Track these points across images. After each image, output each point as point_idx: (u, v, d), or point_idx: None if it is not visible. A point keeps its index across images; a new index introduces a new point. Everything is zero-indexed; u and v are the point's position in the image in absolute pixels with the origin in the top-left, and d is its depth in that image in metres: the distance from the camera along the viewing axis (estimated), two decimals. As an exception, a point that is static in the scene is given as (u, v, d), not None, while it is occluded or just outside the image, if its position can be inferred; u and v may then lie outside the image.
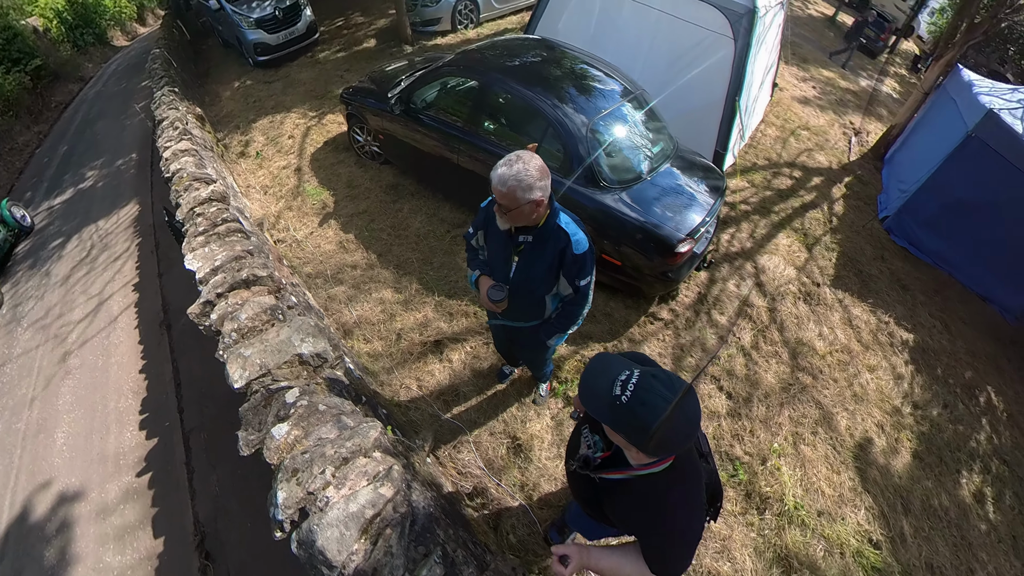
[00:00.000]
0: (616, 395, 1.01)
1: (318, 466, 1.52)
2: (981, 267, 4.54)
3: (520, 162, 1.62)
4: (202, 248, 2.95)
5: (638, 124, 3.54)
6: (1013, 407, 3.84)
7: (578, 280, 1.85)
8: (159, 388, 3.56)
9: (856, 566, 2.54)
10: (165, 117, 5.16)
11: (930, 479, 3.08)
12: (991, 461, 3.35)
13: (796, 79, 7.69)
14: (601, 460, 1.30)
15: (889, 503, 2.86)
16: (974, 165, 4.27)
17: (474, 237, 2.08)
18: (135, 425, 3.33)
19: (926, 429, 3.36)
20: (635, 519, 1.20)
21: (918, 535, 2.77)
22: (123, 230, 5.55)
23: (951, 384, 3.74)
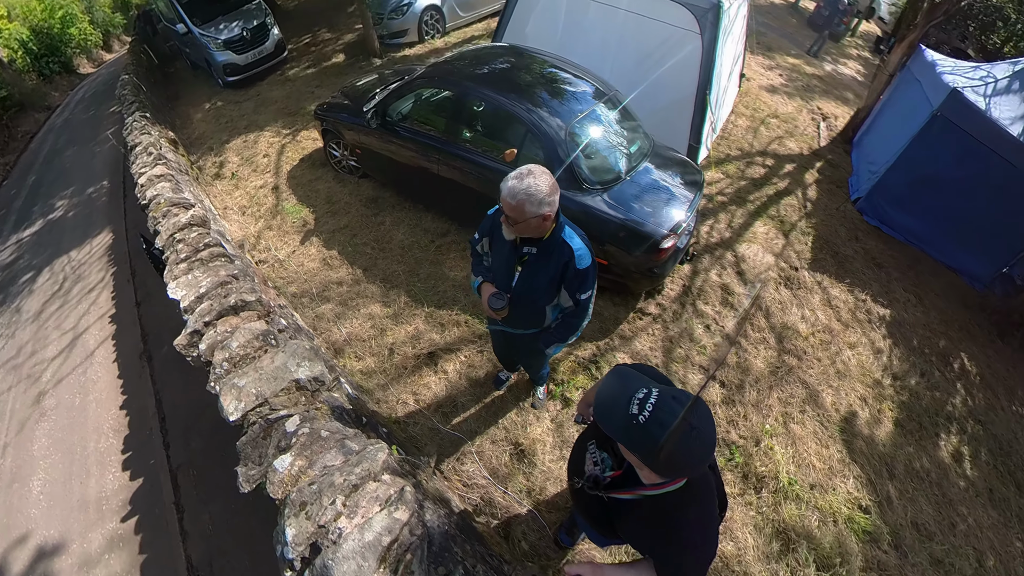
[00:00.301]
0: (633, 414, 0.97)
1: (327, 496, 1.48)
2: (949, 240, 4.73)
3: (531, 176, 1.63)
4: (185, 275, 2.88)
5: (613, 124, 3.59)
6: (985, 370, 4.03)
7: (579, 294, 1.88)
8: (142, 424, 3.43)
9: (848, 532, 2.67)
10: (138, 142, 5.03)
11: (911, 444, 3.24)
12: (967, 422, 3.54)
13: (762, 68, 7.87)
14: (611, 479, 1.26)
15: (875, 470, 3.01)
16: (940, 143, 4.43)
17: (479, 243, 2.09)
18: (118, 466, 3.17)
19: (905, 398, 3.52)
20: (648, 539, 1.18)
21: (903, 497, 2.93)
22: (97, 260, 5.39)
23: (927, 353, 3.91)
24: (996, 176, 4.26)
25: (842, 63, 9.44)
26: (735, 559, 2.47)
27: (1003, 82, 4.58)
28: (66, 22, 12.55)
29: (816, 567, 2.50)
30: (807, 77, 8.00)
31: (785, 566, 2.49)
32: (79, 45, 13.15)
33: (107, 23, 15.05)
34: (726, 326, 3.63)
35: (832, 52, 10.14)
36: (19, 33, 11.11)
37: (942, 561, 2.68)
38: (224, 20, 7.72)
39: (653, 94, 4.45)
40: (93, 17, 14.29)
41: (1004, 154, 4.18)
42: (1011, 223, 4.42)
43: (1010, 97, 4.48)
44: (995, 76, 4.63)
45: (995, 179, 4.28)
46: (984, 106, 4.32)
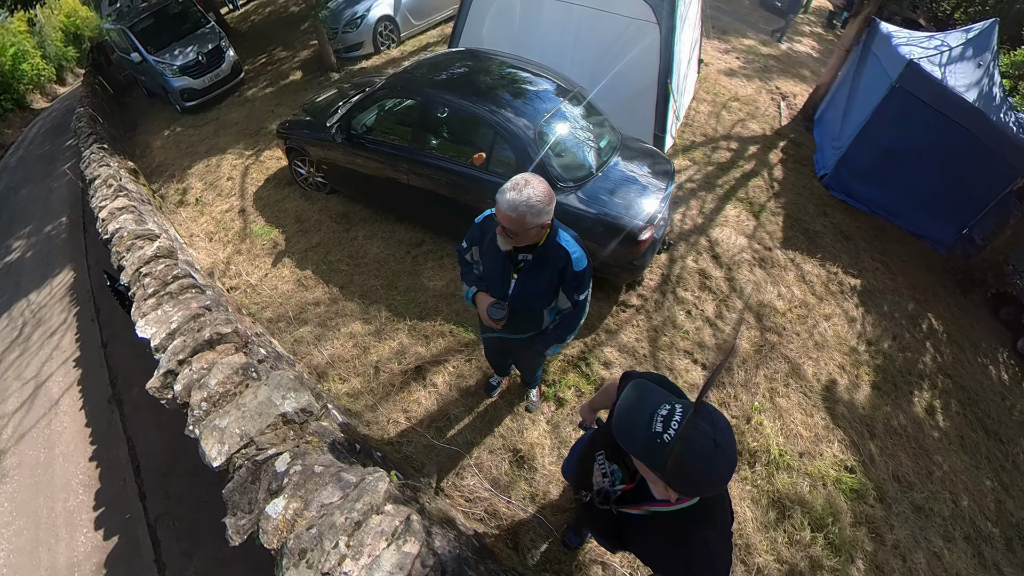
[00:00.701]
0: (657, 432, 0.92)
1: (329, 540, 1.37)
2: (913, 208, 4.92)
3: (529, 187, 1.60)
4: (154, 311, 2.73)
5: (580, 120, 3.59)
6: (951, 326, 4.23)
7: (577, 295, 1.88)
8: (115, 475, 3.20)
9: (837, 492, 2.81)
10: (97, 175, 4.79)
11: (888, 404, 3.40)
12: (937, 378, 3.73)
13: (719, 52, 8.02)
14: (621, 493, 1.22)
15: (857, 432, 3.15)
16: (900, 114, 4.58)
17: (468, 252, 2.05)
18: (89, 525, 2.92)
19: (880, 361, 3.67)
20: (659, 557, 1.15)
21: (884, 453, 3.09)
22: (58, 301, 5.11)
23: (897, 317, 4.07)
24: (954, 142, 4.45)
25: (796, 40, 9.69)
26: (736, 533, 2.54)
27: (957, 50, 4.77)
28: (17, 59, 12.17)
29: (811, 529, 2.61)
30: (763, 58, 8.19)
31: (783, 532, 2.59)
32: (32, 80, 12.77)
33: (60, 57, 14.65)
34: (707, 311, 3.69)
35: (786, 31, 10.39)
36: None
37: (922, 507, 2.87)
38: (178, 46, 7.64)
39: (616, 87, 4.47)
40: (45, 51, 13.90)
41: (960, 120, 4.36)
42: (969, 186, 4.63)
43: (964, 64, 4.68)
44: (949, 45, 4.81)
45: (953, 145, 4.46)
46: (940, 75, 4.49)
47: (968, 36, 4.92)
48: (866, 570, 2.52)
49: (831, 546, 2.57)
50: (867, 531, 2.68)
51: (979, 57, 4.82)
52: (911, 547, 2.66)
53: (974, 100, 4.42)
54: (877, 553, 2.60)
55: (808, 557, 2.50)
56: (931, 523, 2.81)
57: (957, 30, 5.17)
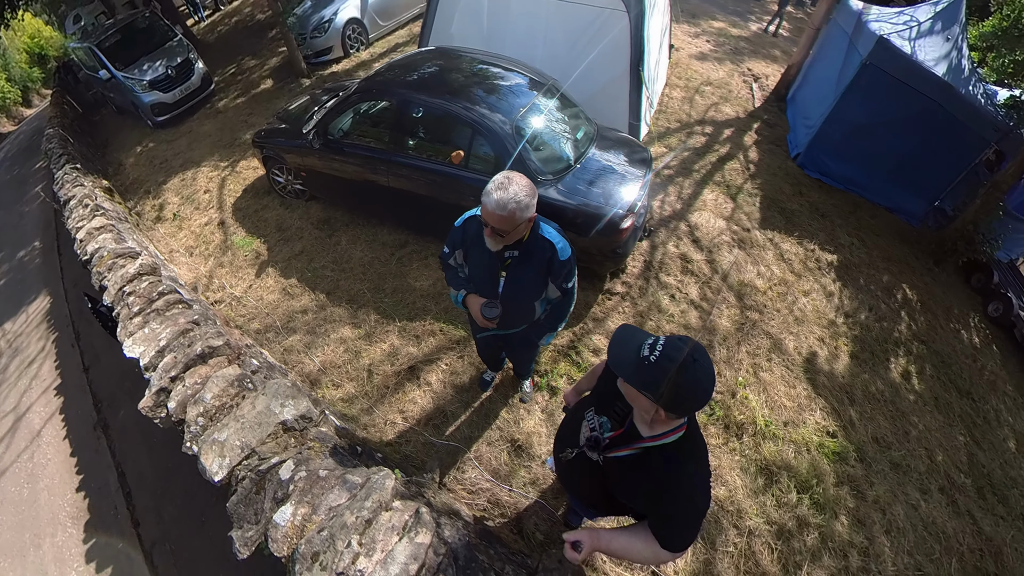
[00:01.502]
0: (645, 355, 1.08)
1: (341, 540, 1.39)
2: (885, 183, 5.09)
3: (513, 184, 1.63)
4: (141, 330, 2.71)
5: (556, 113, 3.66)
6: (924, 295, 4.42)
7: (565, 283, 1.94)
8: (105, 504, 3.10)
9: (820, 456, 2.98)
10: (72, 196, 4.71)
11: (866, 372, 3.58)
12: (912, 344, 3.93)
13: (689, 36, 8.13)
14: (610, 440, 1.32)
15: (837, 399, 3.32)
16: (871, 91, 4.71)
17: (451, 256, 2.05)
18: (80, 560, 2.81)
19: (857, 332, 3.85)
20: (646, 493, 1.24)
21: (863, 418, 3.27)
22: (35, 328, 5.01)
23: (872, 290, 4.24)
24: (924, 116, 4.59)
25: (766, 20, 9.84)
26: (727, 500, 2.69)
27: (926, 24, 4.89)
28: None
29: (797, 491, 2.77)
30: (734, 40, 8.32)
31: (771, 496, 2.74)
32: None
33: (25, 78, 14.47)
34: (690, 293, 3.80)
35: (755, 11, 10.56)
36: None
37: (900, 464, 3.06)
38: (147, 60, 7.54)
39: (588, 77, 4.53)
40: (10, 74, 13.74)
41: (930, 94, 4.50)
42: (940, 159, 4.79)
43: (933, 38, 4.81)
44: (918, 20, 4.93)
45: (923, 119, 4.61)
46: (910, 50, 4.61)
47: (937, 9, 5.05)
48: (849, 524, 2.69)
49: (816, 505, 2.73)
50: (849, 489, 2.85)
51: (948, 31, 4.96)
52: (890, 501, 2.83)
53: (943, 73, 4.56)
54: (859, 508, 2.77)
55: (795, 517, 2.66)
56: (908, 478, 2.99)
57: (925, 4, 5.31)
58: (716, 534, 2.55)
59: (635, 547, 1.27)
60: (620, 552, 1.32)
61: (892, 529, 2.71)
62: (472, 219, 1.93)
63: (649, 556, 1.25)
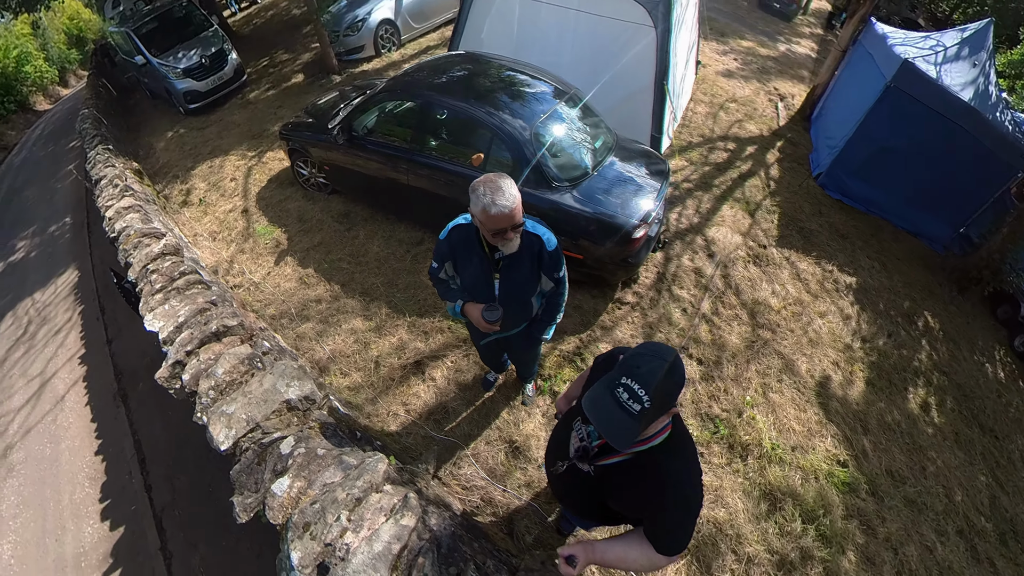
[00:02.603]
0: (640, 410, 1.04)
1: (331, 513, 1.46)
2: (908, 206, 5.00)
3: (502, 179, 1.69)
4: (162, 306, 2.85)
5: (576, 122, 3.71)
6: (947, 325, 4.30)
7: (556, 273, 2.00)
8: (120, 468, 3.30)
9: (829, 485, 2.88)
10: (103, 176, 4.95)
11: (882, 400, 3.47)
12: (932, 375, 3.80)
13: (717, 53, 8.14)
14: (598, 448, 1.33)
15: (850, 427, 3.22)
16: (895, 113, 4.67)
17: (441, 270, 2.06)
18: (96, 517, 3.02)
19: (875, 358, 3.75)
20: (639, 498, 1.25)
21: (877, 449, 3.15)
22: (63, 299, 5.25)
23: (892, 315, 4.15)
24: (950, 141, 4.51)
25: (795, 42, 9.80)
26: (727, 523, 2.62)
27: (952, 49, 4.84)
28: (21, 61, 12.38)
29: (802, 520, 2.68)
30: (762, 59, 8.30)
31: (774, 523, 2.66)
32: (35, 83, 13.00)
33: (63, 59, 14.84)
34: (702, 308, 3.79)
35: (785, 32, 10.52)
36: None
37: (915, 501, 2.92)
38: (182, 49, 7.78)
39: (613, 88, 4.59)
40: (48, 54, 14.09)
41: (956, 119, 4.43)
42: (966, 185, 4.70)
43: (960, 63, 4.75)
44: (944, 44, 4.89)
45: (949, 144, 4.53)
46: (935, 74, 4.56)
47: (964, 36, 5.00)
48: (857, 561, 2.58)
49: (822, 537, 2.63)
50: (859, 524, 2.74)
51: (975, 56, 4.90)
52: (903, 540, 2.71)
53: (970, 99, 4.50)
54: (868, 545, 2.66)
55: (799, 548, 2.57)
56: (924, 517, 2.85)
57: (952, 30, 5.25)
58: (713, 557, 2.49)
59: (630, 555, 1.26)
60: (615, 562, 1.30)
61: (904, 571, 2.60)
62: (456, 229, 1.96)
63: (645, 563, 1.24)
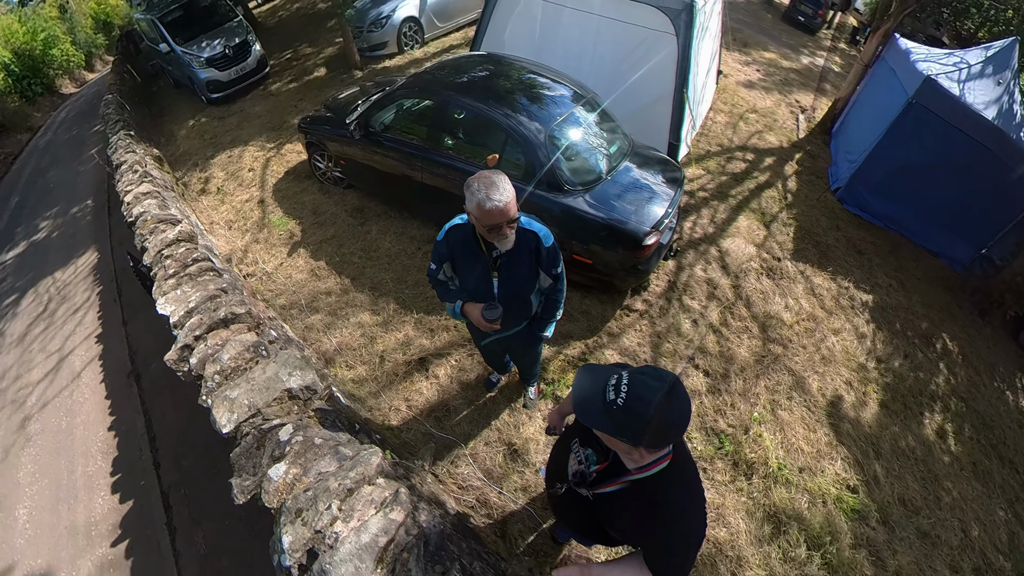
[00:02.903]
0: (611, 400, 1.00)
1: (323, 502, 1.49)
2: (929, 225, 4.87)
3: (495, 175, 1.71)
4: (174, 291, 2.92)
5: (592, 126, 3.69)
6: (967, 348, 4.17)
7: (554, 269, 1.99)
8: (131, 445, 3.41)
9: (837, 511, 2.77)
10: (123, 161, 5.07)
11: (896, 424, 3.35)
12: (950, 400, 3.66)
13: (739, 64, 8.05)
14: (597, 473, 1.28)
15: (862, 451, 3.11)
16: (916, 130, 4.56)
17: (439, 272, 2.04)
18: (106, 489, 3.13)
19: (890, 380, 3.63)
20: (638, 527, 1.20)
21: (890, 475, 3.03)
22: (82, 280, 5.39)
23: (909, 336, 4.03)
24: (972, 160, 4.40)
25: (819, 55, 9.66)
26: (728, 544, 2.55)
27: (976, 67, 4.74)
28: (48, 44, 12.56)
29: (807, 546, 2.59)
30: (784, 71, 8.19)
31: (777, 547, 2.58)
32: (61, 66, 13.18)
33: (89, 44, 15.02)
34: (713, 319, 3.72)
35: (809, 45, 10.38)
36: (1, 56, 11.15)
37: (928, 534, 2.79)
38: (206, 38, 7.89)
39: (632, 95, 4.56)
40: (75, 38, 14.27)
41: (979, 138, 4.32)
42: (988, 205, 4.56)
43: (984, 82, 4.64)
44: (968, 62, 4.79)
45: (971, 163, 4.42)
46: (958, 92, 4.46)
47: (988, 54, 4.88)
48: (864, 594, 2.48)
49: (828, 566, 2.53)
50: (867, 554, 2.63)
51: (999, 75, 4.78)
52: (914, 574, 2.59)
53: (993, 118, 4.39)
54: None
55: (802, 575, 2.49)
56: (937, 551, 2.72)
57: (977, 47, 5.12)
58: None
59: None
60: None
61: (915, 609, 2.48)
62: (453, 229, 1.96)
63: None
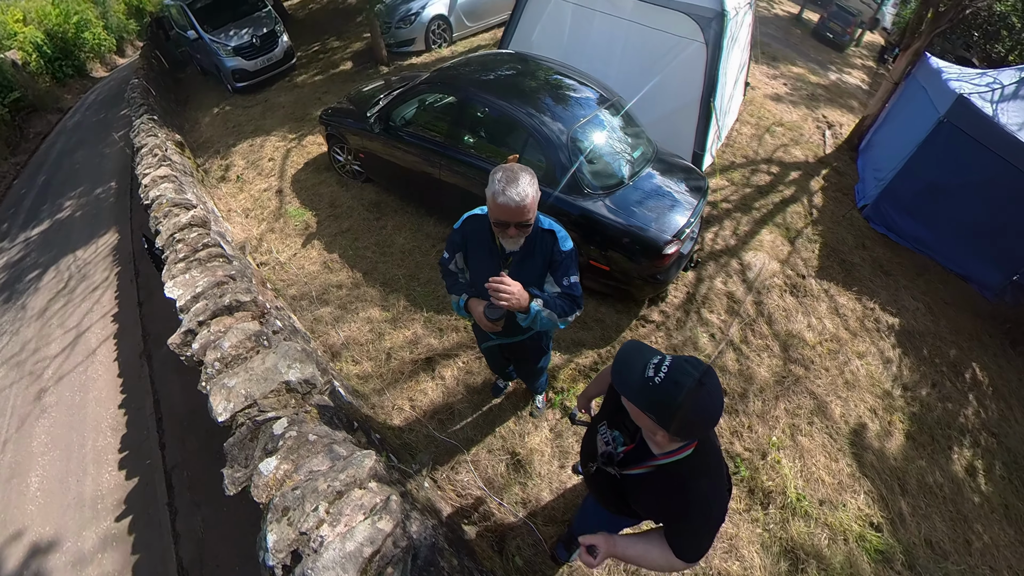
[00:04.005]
0: (649, 376, 1.04)
1: (310, 503, 1.42)
2: (959, 248, 4.61)
3: (522, 172, 1.57)
4: (183, 275, 2.85)
5: (616, 130, 3.55)
6: (997, 380, 3.90)
7: (567, 277, 1.78)
8: (139, 424, 3.41)
9: (860, 551, 2.56)
10: (144, 144, 5.05)
11: (923, 458, 3.12)
12: (980, 435, 3.41)
13: (767, 77, 7.84)
14: (624, 455, 1.32)
15: (887, 485, 2.89)
16: (947, 149, 4.34)
17: (452, 261, 1.94)
18: (114, 465, 3.16)
19: (916, 410, 3.40)
20: (662, 510, 1.24)
21: (916, 513, 2.80)
22: (102, 259, 5.40)
23: (937, 363, 3.79)
24: (1005, 183, 4.16)
25: (846, 72, 9.39)
26: (741, 579, 2.36)
27: (1010, 88, 4.49)
28: (80, 27, 12.64)
29: None
30: (812, 86, 7.95)
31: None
32: (93, 49, 13.24)
33: (121, 29, 15.04)
34: (731, 333, 3.54)
35: (837, 61, 10.11)
36: (34, 37, 11.21)
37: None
38: (234, 27, 7.89)
39: (658, 101, 4.42)
40: (107, 23, 14.31)
41: (1013, 160, 4.09)
42: (1020, 230, 4.31)
43: (1018, 103, 4.38)
44: (1002, 82, 4.55)
45: (1004, 186, 4.18)
46: (991, 112, 4.23)
47: (1022, 75, 4.62)
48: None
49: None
50: (892, 601, 2.42)
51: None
52: None
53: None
54: (901, 626, 2.34)
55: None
56: None
57: (1011, 68, 4.86)
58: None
59: (650, 555, 1.27)
60: (635, 559, 1.32)
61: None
62: (471, 219, 1.85)
63: (663, 564, 1.25)
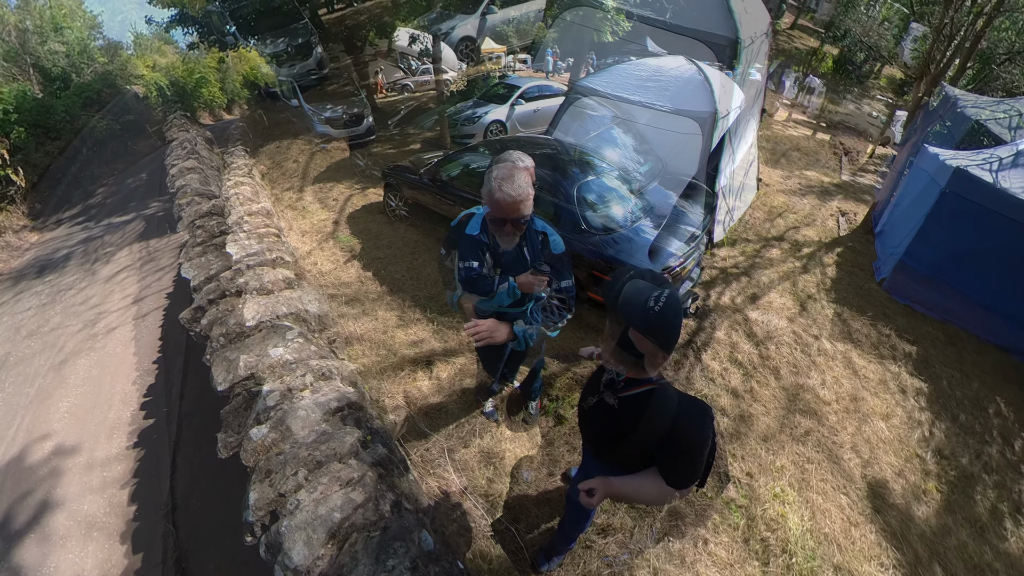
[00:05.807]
0: (651, 307, 1.16)
1: (291, 468, 1.46)
2: (990, 315, 4.15)
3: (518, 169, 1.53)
4: (199, 258, 3.07)
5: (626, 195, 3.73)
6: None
7: (559, 280, 1.71)
8: (169, 378, 3.55)
9: None
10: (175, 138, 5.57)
11: (971, 536, 2.53)
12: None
13: (780, 179, 8.05)
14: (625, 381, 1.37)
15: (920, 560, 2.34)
16: (955, 218, 4.17)
17: (448, 257, 1.81)
18: (136, 406, 3.31)
19: (955, 477, 2.85)
20: (653, 428, 1.28)
21: None
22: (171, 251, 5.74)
23: (978, 431, 3.23)
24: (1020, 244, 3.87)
25: (859, 175, 9.51)
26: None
27: (1008, 160, 4.36)
28: (199, 83, 14.58)
29: None
30: (824, 185, 8.05)
31: None
32: (206, 102, 15.19)
33: (234, 93, 16.96)
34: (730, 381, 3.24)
35: (849, 167, 10.25)
36: (159, 81, 13.38)
37: None
38: (331, 103, 9.75)
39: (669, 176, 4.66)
40: (224, 86, 16.29)
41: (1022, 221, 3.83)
42: None
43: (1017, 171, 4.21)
44: (999, 157, 4.44)
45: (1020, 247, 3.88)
46: (991, 179, 4.09)
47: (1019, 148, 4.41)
48: None
49: None
50: None
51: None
52: None
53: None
54: None
55: None
56: None
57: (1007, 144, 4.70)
58: None
59: (644, 488, 1.32)
60: (630, 495, 1.39)
61: None
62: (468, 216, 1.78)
63: (657, 495, 1.30)
